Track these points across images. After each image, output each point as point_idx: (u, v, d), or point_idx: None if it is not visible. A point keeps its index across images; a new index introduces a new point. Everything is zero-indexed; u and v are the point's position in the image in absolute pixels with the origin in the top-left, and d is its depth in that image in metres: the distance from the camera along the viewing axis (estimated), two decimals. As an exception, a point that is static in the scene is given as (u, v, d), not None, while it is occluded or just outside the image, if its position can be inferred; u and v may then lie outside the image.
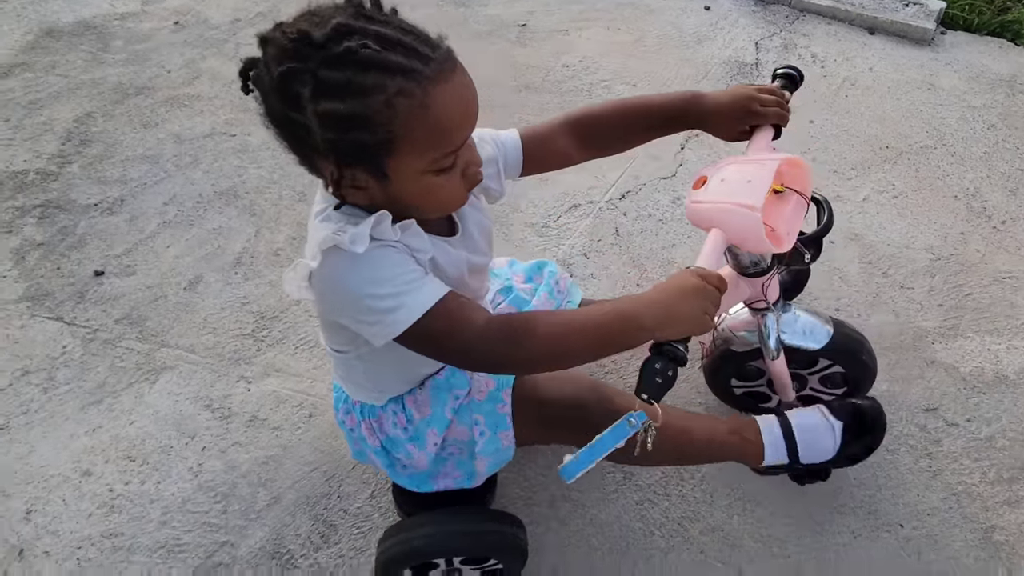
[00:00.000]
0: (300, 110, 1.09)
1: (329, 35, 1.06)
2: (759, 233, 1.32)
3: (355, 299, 1.22)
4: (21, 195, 2.70)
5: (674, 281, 1.22)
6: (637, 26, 3.40)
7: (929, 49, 3.22)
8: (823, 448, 1.65)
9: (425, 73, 1.09)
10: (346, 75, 1.06)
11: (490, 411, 1.52)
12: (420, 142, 1.13)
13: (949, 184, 2.65)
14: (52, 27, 3.47)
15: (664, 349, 1.16)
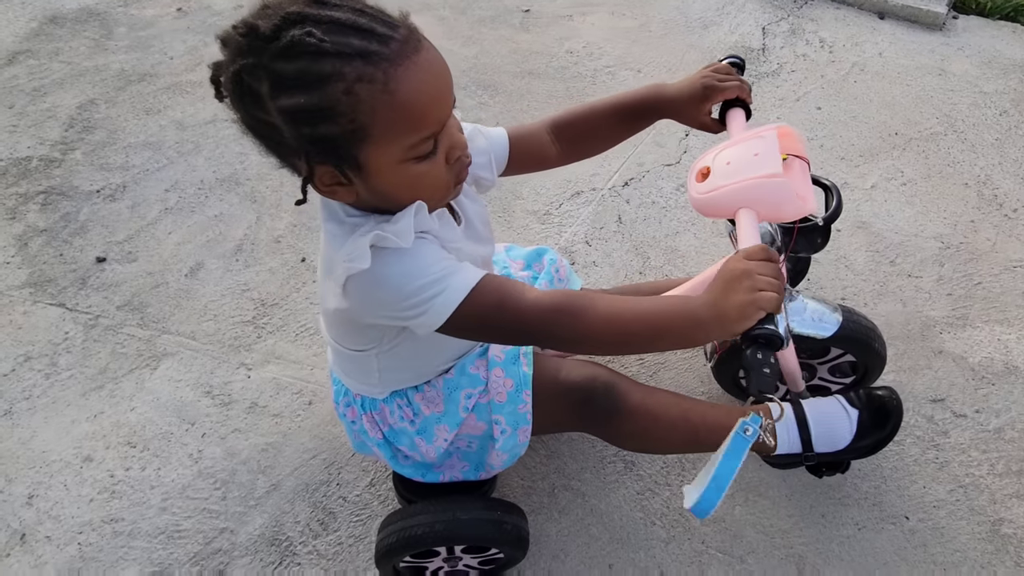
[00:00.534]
0: (263, 109, 1.05)
1: (277, 24, 1.01)
2: (792, 197, 1.30)
3: (401, 294, 1.18)
4: (25, 182, 2.70)
5: (719, 274, 1.18)
6: (642, 11, 3.39)
7: (940, 34, 3.19)
8: (838, 437, 1.61)
9: (385, 55, 1.03)
10: (299, 66, 1.01)
11: (511, 411, 1.51)
12: (391, 129, 1.07)
13: (959, 171, 2.62)
14: (56, 14, 3.47)
15: (755, 336, 1.12)
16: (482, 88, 3.01)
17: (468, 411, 1.52)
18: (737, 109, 1.54)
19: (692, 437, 1.59)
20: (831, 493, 1.85)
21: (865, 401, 1.63)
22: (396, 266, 1.16)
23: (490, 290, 1.20)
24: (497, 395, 1.51)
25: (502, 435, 1.52)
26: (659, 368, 2.10)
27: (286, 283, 2.35)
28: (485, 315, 1.20)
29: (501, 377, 1.52)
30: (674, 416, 1.58)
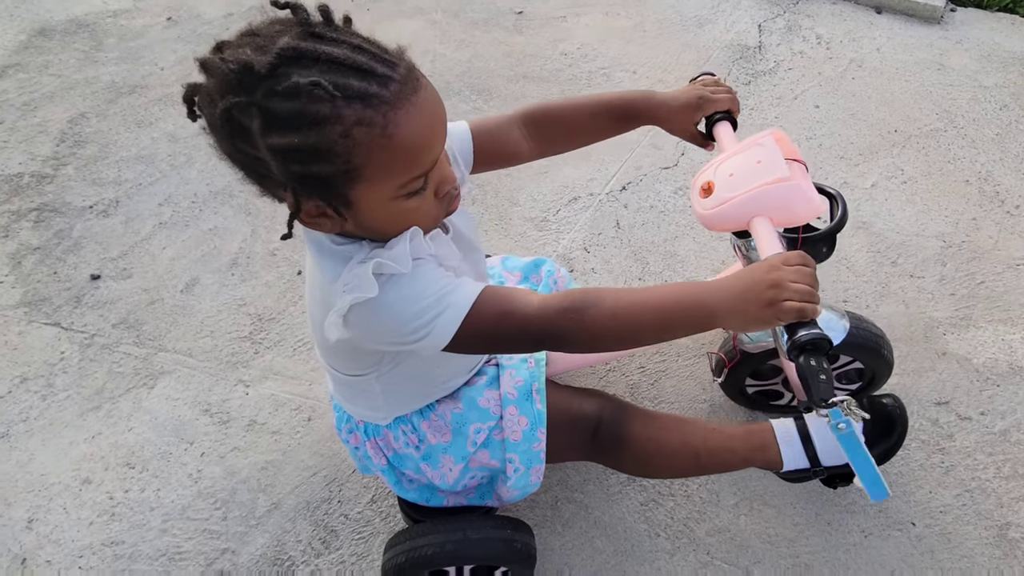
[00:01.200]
0: (251, 144, 1.02)
1: (273, 63, 0.98)
2: (807, 197, 1.32)
3: (403, 319, 1.17)
4: (17, 199, 2.69)
5: (749, 270, 1.18)
6: (636, 10, 3.37)
7: (939, 27, 3.18)
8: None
9: (385, 97, 1.01)
10: (296, 106, 0.98)
11: (525, 450, 1.52)
12: (385, 170, 1.06)
13: (960, 168, 2.61)
14: (45, 26, 3.46)
15: (803, 344, 1.12)
16: (476, 93, 3.00)
17: (477, 445, 1.52)
18: (724, 122, 1.54)
19: (694, 462, 1.61)
20: (836, 500, 1.85)
21: (869, 410, 1.58)
22: (395, 292, 1.15)
23: (492, 302, 1.19)
24: (512, 433, 1.52)
25: (515, 473, 1.53)
26: (661, 376, 2.10)
27: (283, 297, 2.35)
28: (490, 328, 1.20)
29: (515, 415, 1.52)
30: (675, 443, 1.60)
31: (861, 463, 1.29)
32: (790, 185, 1.31)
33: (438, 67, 3.10)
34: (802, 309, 1.10)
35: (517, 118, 1.51)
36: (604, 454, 1.63)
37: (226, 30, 3.30)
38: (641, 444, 1.59)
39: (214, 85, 1.02)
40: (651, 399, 2.06)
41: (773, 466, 1.62)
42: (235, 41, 1.04)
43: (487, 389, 1.54)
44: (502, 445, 1.53)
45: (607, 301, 1.18)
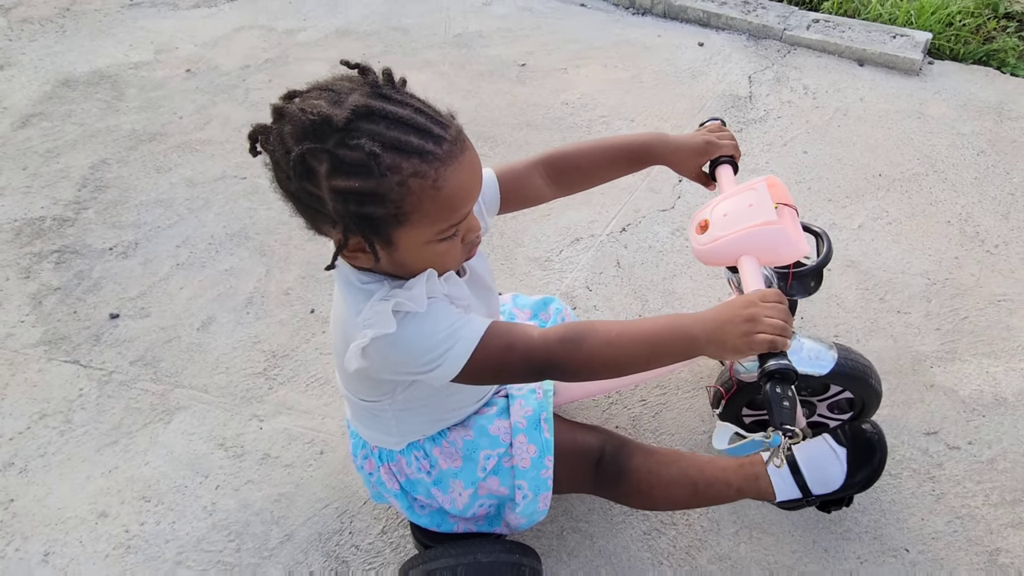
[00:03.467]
0: (315, 184, 1.10)
1: (349, 117, 1.06)
2: (789, 240, 1.37)
3: (417, 352, 1.23)
4: (39, 241, 2.67)
5: (729, 303, 1.25)
6: (633, 63, 3.39)
7: (918, 79, 3.20)
8: (832, 477, 1.61)
9: (438, 155, 1.10)
10: (363, 155, 1.05)
11: (534, 477, 1.54)
12: (429, 217, 1.14)
13: (942, 210, 2.62)
14: (68, 77, 3.46)
15: (772, 372, 1.17)
16: (482, 140, 3.01)
17: (487, 471, 1.53)
18: (726, 165, 1.60)
19: (691, 493, 1.64)
20: (833, 528, 1.82)
21: (851, 437, 1.63)
22: (411, 328, 1.21)
23: (498, 335, 1.25)
24: (521, 461, 1.54)
25: (523, 500, 1.55)
26: (662, 409, 2.07)
27: (296, 334, 2.33)
28: (496, 359, 1.26)
29: (524, 443, 1.54)
30: (674, 474, 1.64)
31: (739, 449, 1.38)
32: (775, 229, 1.36)
33: (444, 116, 3.07)
34: (773, 341, 1.18)
35: (539, 163, 1.58)
36: (606, 486, 1.65)
37: (243, 81, 3.34)
38: (641, 476, 1.62)
39: (290, 131, 1.10)
40: (652, 431, 2.04)
41: (767, 497, 1.64)
42: (308, 93, 1.13)
43: (497, 418, 1.56)
44: (511, 472, 1.54)
45: (600, 332, 1.25)
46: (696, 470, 1.64)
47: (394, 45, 3.59)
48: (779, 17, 3.45)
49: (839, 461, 1.61)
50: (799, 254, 1.40)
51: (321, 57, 3.52)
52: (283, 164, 1.12)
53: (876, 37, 3.31)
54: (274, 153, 1.14)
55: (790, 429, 1.17)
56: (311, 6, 3.92)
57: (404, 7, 3.87)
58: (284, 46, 3.62)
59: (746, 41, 3.45)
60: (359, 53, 3.52)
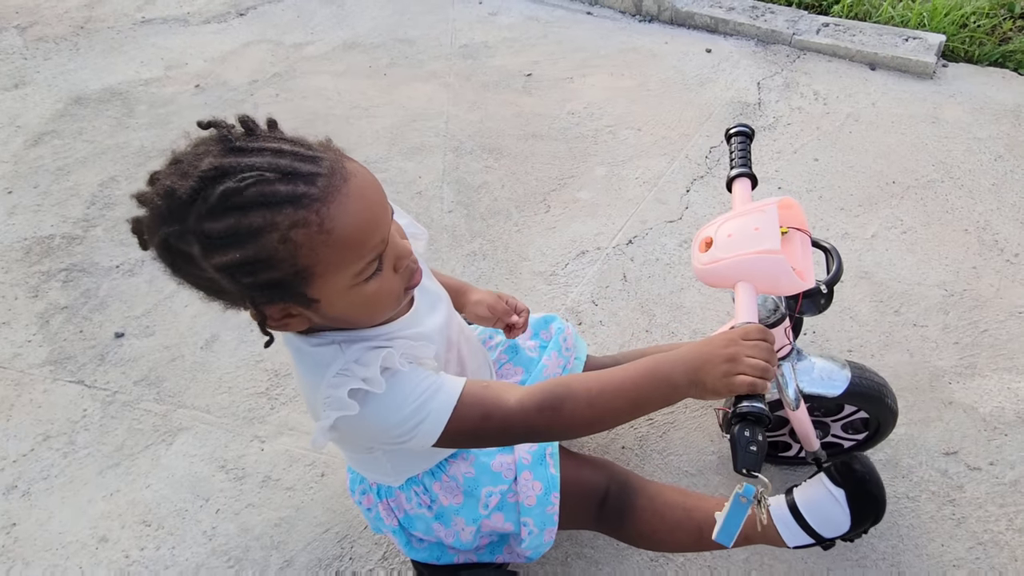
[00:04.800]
0: (198, 267, 0.96)
1: (195, 187, 0.92)
2: (788, 273, 1.25)
3: (385, 427, 1.13)
4: (47, 259, 2.61)
5: (711, 338, 1.14)
6: (640, 71, 3.29)
7: (931, 82, 3.07)
8: (836, 520, 1.49)
9: (314, 195, 0.95)
10: (227, 223, 0.91)
11: (539, 513, 1.46)
12: (334, 264, 0.99)
13: (958, 217, 2.49)
14: (80, 95, 3.41)
15: (744, 414, 1.06)
16: (487, 152, 2.91)
17: (489, 508, 1.45)
18: (744, 179, 1.52)
19: (696, 536, 1.54)
20: (848, 555, 1.71)
21: (846, 476, 1.50)
22: (374, 406, 1.11)
23: (472, 403, 1.15)
24: (527, 499, 1.45)
25: (529, 535, 1.47)
26: (669, 428, 1.97)
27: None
28: (472, 429, 1.16)
29: (530, 480, 1.46)
30: (679, 516, 1.55)
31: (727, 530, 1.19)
32: (775, 258, 1.25)
33: (451, 127, 3.02)
34: (753, 383, 1.06)
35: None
36: (610, 525, 1.58)
37: (251, 95, 3.28)
38: (645, 517, 1.55)
39: (148, 220, 0.97)
40: (659, 451, 1.93)
41: (777, 543, 1.54)
42: (164, 170, 0.98)
43: (500, 454, 1.48)
44: (516, 508, 1.46)
45: (580, 394, 1.14)
46: (702, 513, 1.53)
47: (400, 57, 3.50)
48: (788, 22, 3.33)
49: (838, 503, 1.48)
50: (799, 288, 1.29)
51: (328, 71, 3.45)
52: (158, 252, 0.99)
53: (888, 40, 3.17)
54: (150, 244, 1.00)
55: (753, 475, 1.05)
56: (319, 20, 3.84)
57: (411, 19, 3.79)
58: (292, 60, 3.55)
59: (755, 47, 3.34)
60: (365, 65, 3.44)
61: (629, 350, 2.02)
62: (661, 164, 2.78)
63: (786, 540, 1.51)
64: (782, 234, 1.34)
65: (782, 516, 1.51)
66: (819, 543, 1.50)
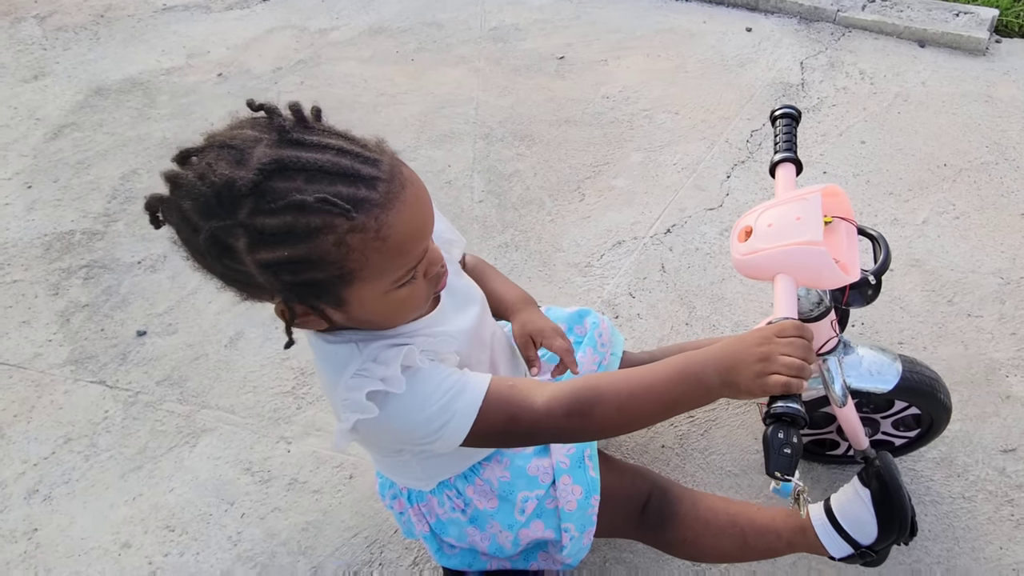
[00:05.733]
0: (236, 260, 0.93)
1: (256, 180, 0.89)
2: (831, 266, 1.22)
3: (409, 428, 1.12)
4: (68, 256, 2.62)
5: (745, 335, 1.10)
6: (677, 52, 3.25)
7: (984, 59, 3.01)
8: (865, 522, 1.46)
9: (375, 200, 0.94)
10: (285, 221, 0.90)
11: (580, 517, 1.44)
12: (379, 269, 0.99)
13: (1015, 201, 2.43)
14: (101, 85, 3.42)
15: (778, 415, 1.03)
16: (519, 139, 2.90)
17: (526, 514, 1.42)
18: (788, 164, 1.48)
19: (740, 542, 1.53)
20: (900, 558, 1.67)
21: (870, 476, 1.47)
22: (395, 407, 1.09)
23: (499, 405, 1.13)
24: (567, 504, 1.43)
25: (571, 541, 1.44)
26: (711, 426, 1.94)
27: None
28: (499, 431, 1.14)
29: (569, 484, 1.44)
30: (723, 522, 1.53)
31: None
32: (816, 250, 1.21)
33: (481, 114, 3.00)
34: (787, 384, 1.03)
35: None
36: (651, 531, 1.55)
37: (275, 83, 3.28)
38: (689, 523, 1.53)
39: (191, 206, 0.93)
40: (701, 450, 1.90)
41: (818, 552, 1.51)
42: (205, 152, 0.95)
43: (535, 457, 1.45)
44: (555, 514, 1.44)
45: (610, 398, 1.11)
46: (746, 519, 1.53)
47: (428, 41, 3.49)
48: (832, -2, 3.27)
49: (864, 504, 1.45)
50: (842, 281, 1.25)
51: (354, 56, 3.44)
52: (192, 242, 0.96)
53: (937, 16, 3.11)
54: (179, 229, 0.97)
55: (786, 479, 1.02)
56: (344, 4, 3.83)
57: (438, 2, 3.77)
58: (317, 46, 3.54)
59: (797, 25, 3.28)
60: (392, 51, 3.43)
61: (668, 345, 1.99)
62: (700, 149, 2.75)
63: (830, 551, 1.48)
64: (826, 224, 1.30)
65: (822, 525, 1.49)
66: (858, 553, 1.47)
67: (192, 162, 0.95)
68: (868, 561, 1.49)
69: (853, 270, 1.27)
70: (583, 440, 1.22)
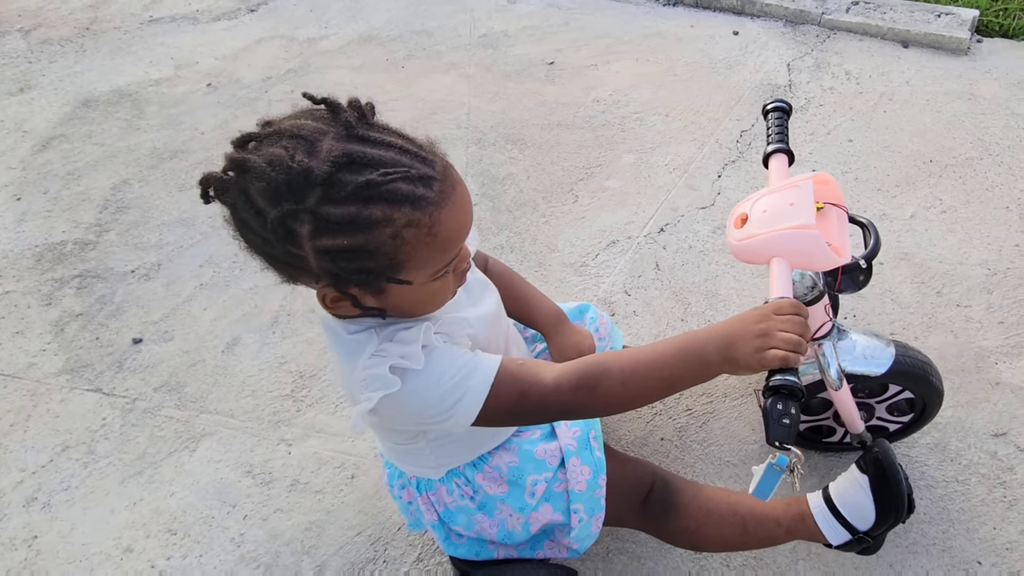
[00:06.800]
0: (295, 245, 1.02)
1: (330, 171, 0.98)
2: (823, 248, 1.29)
3: (424, 406, 1.19)
4: (60, 266, 2.65)
5: (744, 314, 1.18)
6: (666, 55, 3.32)
7: (966, 58, 3.10)
8: (864, 508, 1.53)
9: (431, 199, 1.03)
10: (350, 211, 0.99)
11: (589, 498, 1.50)
12: (423, 262, 1.08)
13: (999, 195, 2.51)
14: (89, 97, 3.46)
15: (777, 387, 1.10)
16: (511, 143, 2.95)
17: (536, 497, 1.48)
18: (780, 155, 1.56)
19: (741, 530, 1.60)
20: (898, 540, 1.73)
21: (868, 462, 1.55)
22: (412, 383, 1.16)
23: (509, 382, 1.20)
24: (576, 484, 1.49)
25: (579, 523, 1.50)
26: (709, 418, 2.00)
27: (324, 353, 2.28)
28: (510, 408, 1.21)
29: (578, 465, 1.50)
30: (724, 511, 1.60)
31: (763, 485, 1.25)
32: (809, 234, 1.29)
33: (473, 119, 3.06)
34: (785, 358, 1.10)
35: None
36: (653, 521, 1.62)
37: (265, 92, 3.33)
38: (691, 512, 1.60)
39: (261, 188, 1.00)
40: (699, 441, 1.96)
41: (818, 539, 1.58)
42: (270, 137, 1.03)
43: (542, 442, 1.51)
44: (564, 496, 1.49)
45: (615, 373, 1.19)
46: (746, 508, 1.60)
47: (418, 49, 3.54)
48: (816, 1, 3.35)
49: (863, 490, 1.53)
50: (835, 263, 1.33)
51: (344, 65, 3.49)
52: (254, 223, 1.03)
53: (920, 17, 3.20)
54: (237, 209, 1.05)
55: (784, 447, 1.11)
56: (332, 13, 3.88)
57: (427, 9, 3.82)
58: (306, 55, 3.59)
59: (783, 28, 3.36)
60: (382, 59, 3.49)
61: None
62: (691, 150, 2.82)
63: (829, 538, 1.55)
64: (818, 209, 1.37)
65: (821, 512, 1.56)
66: (856, 540, 1.54)
67: (256, 147, 1.03)
68: (865, 548, 1.56)
69: (844, 252, 1.34)
70: (590, 415, 1.27)
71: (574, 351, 1.60)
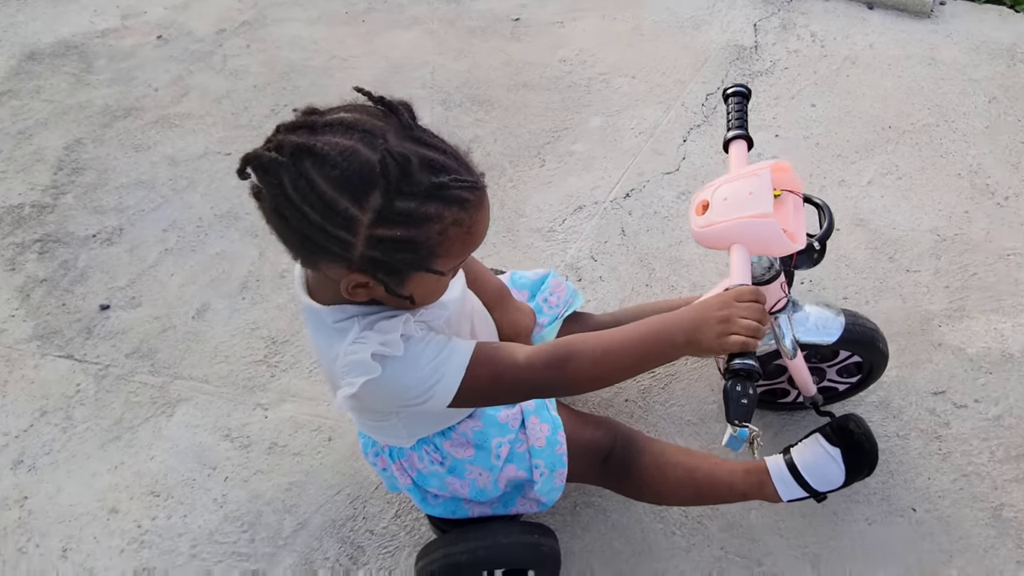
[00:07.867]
0: (350, 231, 1.14)
1: (404, 168, 1.11)
2: (780, 236, 1.49)
3: (402, 389, 1.35)
4: (20, 230, 2.82)
5: (707, 299, 1.39)
6: (633, 13, 3.53)
7: (929, 21, 3.37)
8: (833, 476, 1.80)
9: (473, 202, 1.20)
10: (411, 206, 1.14)
11: (549, 454, 1.73)
12: (452, 258, 1.25)
13: (952, 162, 2.81)
14: (33, 50, 3.57)
15: (736, 369, 1.30)
16: (477, 104, 3.16)
17: (501, 459, 1.69)
18: (740, 141, 1.75)
19: (696, 493, 1.88)
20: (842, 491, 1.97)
21: (841, 436, 1.81)
22: (391, 369, 1.32)
23: (484, 363, 1.38)
24: (536, 440, 1.72)
25: (541, 477, 1.72)
26: (671, 380, 2.28)
27: (295, 319, 2.49)
28: (484, 389, 1.40)
29: (537, 423, 1.73)
30: (681, 474, 1.84)
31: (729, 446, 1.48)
32: (767, 222, 1.49)
33: (437, 79, 3.25)
34: (745, 343, 1.31)
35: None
36: (614, 480, 1.87)
37: (219, 46, 3.48)
38: (649, 473, 1.83)
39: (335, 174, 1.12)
40: (662, 402, 2.24)
41: (771, 500, 1.86)
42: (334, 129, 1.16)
43: (504, 408, 1.73)
44: (526, 455, 1.72)
45: (586, 352, 1.39)
46: (703, 473, 1.85)
47: (378, 1, 3.68)
48: (784, -45, 3.57)
49: (834, 461, 1.79)
50: (790, 249, 1.53)
51: (300, 17, 3.64)
52: (303, 206, 1.13)
53: (886, -24, 3.44)
54: (287, 191, 1.14)
55: (743, 426, 1.34)
56: (286, -40, 3.97)
57: (386, -42, 3.94)
58: (261, 6, 3.72)
59: (750, -15, 3.59)
60: (341, 11, 3.64)
61: (630, 306, 2.31)
62: (657, 113, 3.06)
63: (782, 495, 1.82)
64: (775, 197, 1.55)
65: (780, 474, 1.82)
66: (813, 496, 1.82)
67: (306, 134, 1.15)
68: (815, 496, 1.84)
69: (800, 238, 1.55)
70: (562, 394, 1.47)
71: (511, 328, 1.85)
